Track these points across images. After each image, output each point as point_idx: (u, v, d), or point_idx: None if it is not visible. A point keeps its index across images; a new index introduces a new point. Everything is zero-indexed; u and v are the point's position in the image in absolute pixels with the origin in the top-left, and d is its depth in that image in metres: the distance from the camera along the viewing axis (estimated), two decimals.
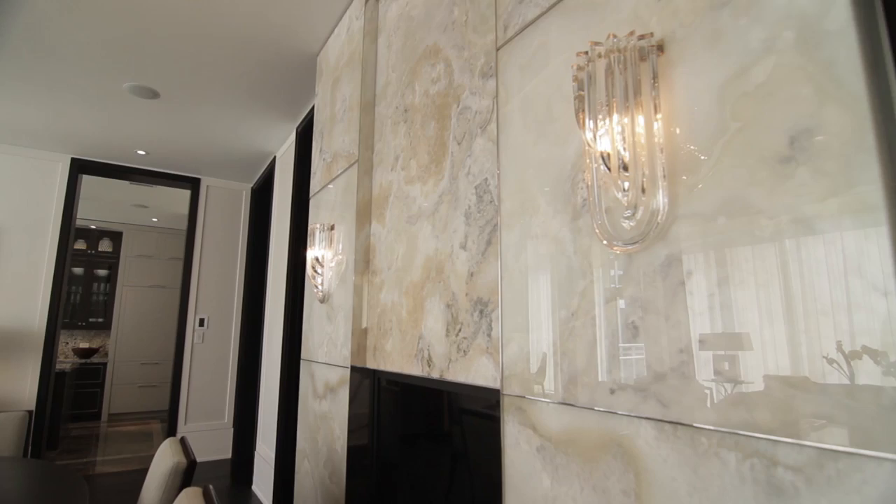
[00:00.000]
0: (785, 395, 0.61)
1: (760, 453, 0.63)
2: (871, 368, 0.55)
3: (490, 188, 1.22)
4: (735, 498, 0.65)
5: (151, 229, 6.87)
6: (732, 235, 0.69)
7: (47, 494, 1.46)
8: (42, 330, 3.81)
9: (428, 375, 1.40)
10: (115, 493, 3.54)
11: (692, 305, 0.73)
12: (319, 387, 2.11)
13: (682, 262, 0.75)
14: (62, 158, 4.06)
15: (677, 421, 0.72)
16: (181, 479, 1.32)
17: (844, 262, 0.58)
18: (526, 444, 0.99)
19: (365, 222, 1.90)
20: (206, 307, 4.53)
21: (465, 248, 1.29)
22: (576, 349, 0.91)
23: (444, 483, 1.50)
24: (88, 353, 6.33)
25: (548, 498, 0.93)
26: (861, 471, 0.54)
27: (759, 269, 0.66)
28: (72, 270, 6.32)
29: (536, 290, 1.01)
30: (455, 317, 1.31)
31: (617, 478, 0.80)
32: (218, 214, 4.68)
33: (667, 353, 0.75)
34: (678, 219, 0.76)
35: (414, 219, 1.58)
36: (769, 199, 0.65)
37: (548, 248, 0.99)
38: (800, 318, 0.61)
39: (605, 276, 0.87)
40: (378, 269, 1.80)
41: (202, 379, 4.44)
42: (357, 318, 1.85)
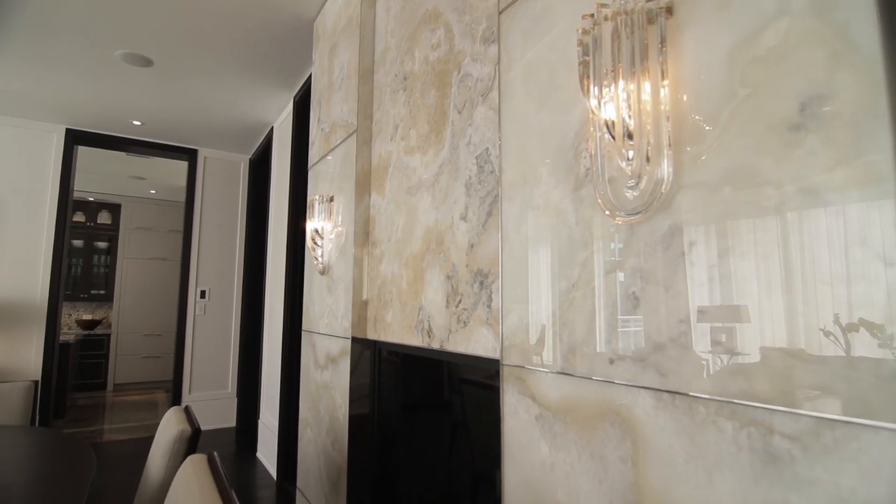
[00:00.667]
0: (785, 365, 0.61)
1: (758, 422, 0.63)
2: (870, 339, 0.55)
3: (491, 158, 1.20)
4: (731, 465, 0.66)
5: (150, 201, 6.83)
6: (737, 206, 0.68)
7: (55, 461, 1.49)
8: (44, 301, 3.83)
9: (428, 346, 1.41)
10: (123, 460, 3.63)
11: (693, 276, 0.72)
12: (321, 357, 2.13)
13: (684, 232, 0.74)
14: (57, 129, 4.00)
15: (675, 390, 0.73)
16: (186, 447, 1.35)
17: (850, 232, 0.57)
18: (525, 413, 1.00)
19: (364, 193, 1.88)
20: (207, 279, 4.54)
21: (466, 220, 1.28)
22: (576, 320, 0.91)
23: (444, 450, 1.53)
24: (91, 325, 6.39)
25: (546, 465, 0.94)
26: (858, 439, 0.54)
27: (762, 240, 0.65)
28: (72, 243, 6.32)
29: (537, 261, 1.01)
30: (455, 288, 1.31)
31: (614, 445, 0.82)
32: (216, 186, 4.64)
33: (667, 324, 0.75)
34: (682, 188, 0.75)
35: (414, 190, 1.56)
36: (776, 168, 0.64)
37: (549, 218, 0.98)
38: (802, 290, 0.61)
39: (607, 246, 0.86)
40: (378, 240, 1.79)
41: (205, 350, 4.49)
42: (357, 290, 1.85)
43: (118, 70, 3.05)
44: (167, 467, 1.33)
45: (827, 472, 0.56)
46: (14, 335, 3.74)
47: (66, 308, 6.24)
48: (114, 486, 3.05)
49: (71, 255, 6.34)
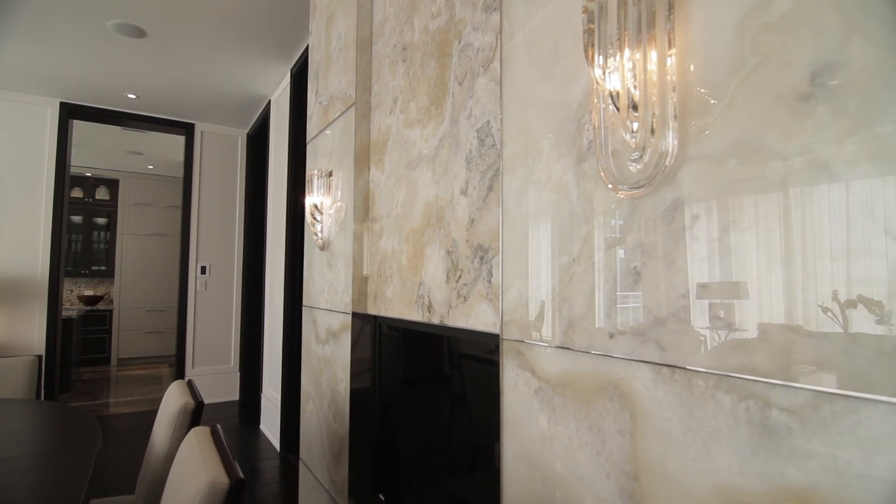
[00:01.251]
0: (785, 339, 0.61)
1: (756, 395, 0.63)
2: (875, 314, 0.54)
3: (492, 131, 1.18)
4: (728, 437, 0.66)
5: (148, 177, 6.78)
6: (743, 179, 0.67)
7: (62, 433, 1.51)
8: (45, 277, 3.84)
9: (428, 321, 1.42)
10: (129, 432, 3.70)
11: (696, 251, 0.71)
12: (321, 332, 2.15)
13: (688, 206, 0.73)
14: (51, 103, 3.94)
15: (675, 364, 0.73)
16: (190, 419, 1.37)
17: (857, 206, 0.56)
18: (524, 387, 1.01)
19: (363, 168, 1.86)
20: (207, 255, 4.54)
21: (466, 194, 1.27)
22: (576, 294, 0.90)
23: (444, 423, 1.55)
24: (94, 301, 6.43)
25: (544, 437, 0.96)
26: (857, 412, 0.55)
27: (765, 214, 0.64)
28: (70, 219, 6.30)
29: (538, 235, 1.00)
30: (455, 263, 1.30)
31: (613, 418, 0.82)
32: (214, 161, 4.60)
33: (668, 299, 0.75)
34: (687, 161, 0.73)
35: (413, 164, 1.54)
36: (784, 140, 0.63)
37: (550, 192, 0.97)
38: (804, 265, 0.60)
39: (609, 221, 0.85)
40: (378, 215, 1.78)
41: (207, 325, 4.52)
42: (357, 266, 1.85)
43: (111, 41, 2.98)
44: (172, 439, 1.35)
45: (824, 445, 0.57)
46: (16, 311, 3.76)
47: (67, 284, 6.27)
48: (120, 457, 3.11)
49: (70, 230, 6.33)
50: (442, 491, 1.52)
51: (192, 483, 0.85)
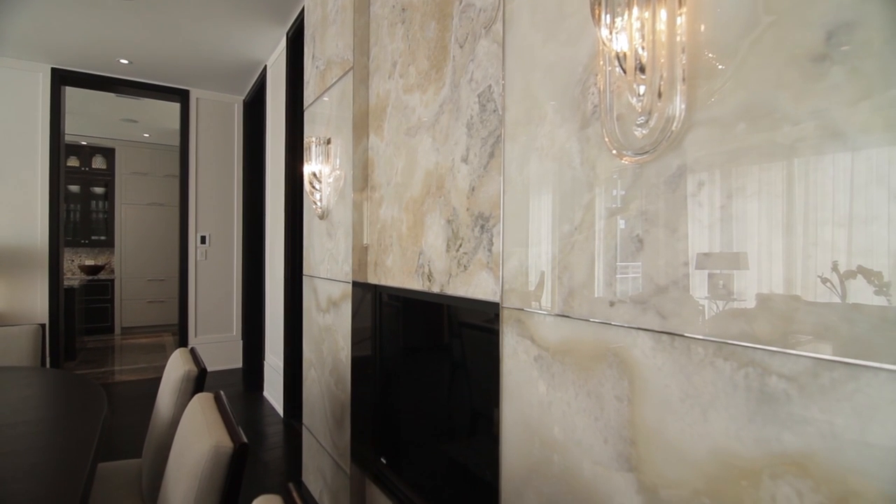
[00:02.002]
0: (787, 307, 0.61)
1: (756, 363, 0.64)
2: (881, 281, 0.53)
3: (494, 96, 1.15)
4: (725, 404, 0.67)
5: (144, 145, 6.69)
6: (751, 144, 0.65)
7: (68, 399, 1.54)
8: (45, 246, 3.84)
9: (428, 290, 1.42)
10: (135, 399, 3.77)
11: (701, 218, 0.70)
12: (322, 301, 2.16)
13: (694, 172, 0.71)
14: (42, 69, 3.84)
15: (675, 332, 0.73)
16: (193, 386, 1.38)
17: (868, 172, 0.55)
18: (524, 354, 1.02)
19: (362, 135, 1.83)
20: (207, 224, 4.52)
21: (467, 162, 1.25)
22: (577, 263, 0.90)
23: (444, 390, 1.58)
24: (95, 270, 6.44)
25: (543, 403, 0.97)
26: (856, 380, 0.55)
27: (774, 180, 0.63)
28: (68, 188, 6.25)
29: (539, 203, 0.99)
30: (456, 232, 1.29)
31: (611, 384, 0.83)
32: (210, 129, 4.52)
33: (670, 267, 0.74)
34: (694, 126, 0.71)
35: (413, 131, 1.51)
36: (795, 103, 0.61)
37: (553, 159, 0.95)
38: (811, 233, 0.59)
39: (612, 188, 0.84)
40: (377, 184, 1.76)
41: (208, 294, 4.55)
42: (357, 235, 1.84)
43: (101, 2, 2.88)
44: (176, 405, 1.37)
45: (822, 412, 0.57)
46: (17, 280, 3.77)
47: (67, 254, 6.27)
48: (127, 423, 3.18)
49: (68, 200, 6.29)
50: (442, 455, 1.56)
51: (196, 447, 0.87)
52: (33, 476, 0.98)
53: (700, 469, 0.69)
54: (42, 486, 0.94)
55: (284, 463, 2.68)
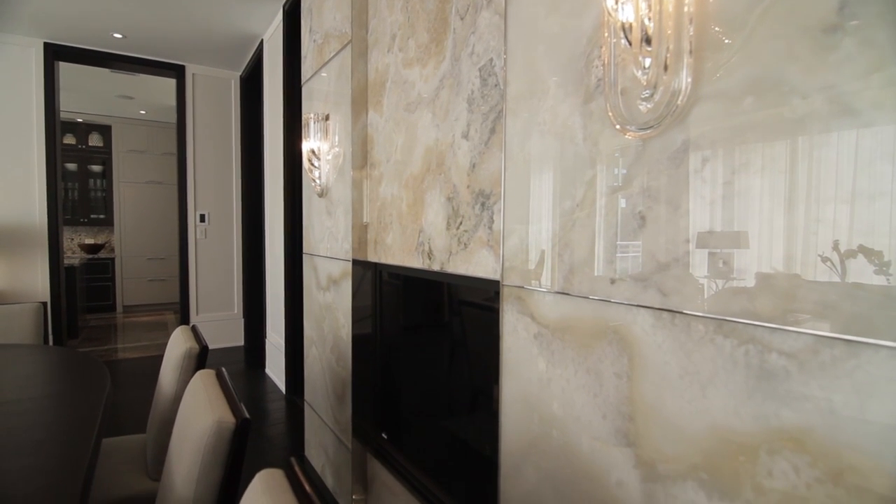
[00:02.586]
0: (790, 285, 0.60)
1: (756, 340, 0.64)
2: (881, 260, 0.53)
3: (495, 70, 1.12)
4: (725, 380, 0.67)
5: (140, 122, 6.61)
6: (758, 118, 0.63)
7: (71, 376, 1.55)
8: (44, 225, 3.83)
9: (429, 268, 1.42)
10: (138, 375, 3.81)
11: (704, 195, 0.69)
12: (322, 279, 2.16)
13: (699, 148, 0.70)
14: (34, 43, 3.77)
15: (676, 309, 0.73)
16: (195, 363, 1.39)
17: (877, 147, 0.54)
18: (524, 332, 1.02)
19: (361, 111, 1.80)
20: (206, 203, 4.50)
21: (468, 138, 1.23)
22: (578, 240, 0.89)
23: (444, 367, 1.59)
24: (95, 249, 6.45)
25: (543, 379, 0.97)
26: (856, 357, 0.55)
27: (781, 156, 0.61)
28: (65, 166, 6.21)
29: (541, 180, 0.97)
30: (456, 210, 1.28)
31: (611, 361, 0.83)
32: (207, 105, 4.46)
33: (672, 244, 0.73)
34: (700, 100, 0.70)
35: (413, 106, 1.48)
36: (805, 76, 0.59)
37: (555, 134, 0.93)
38: (816, 209, 0.58)
39: (615, 164, 0.82)
40: (377, 161, 1.74)
41: (209, 273, 4.56)
42: (357, 213, 1.83)
43: None
44: (178, 381, 1.38)
45: (821, 389, 0.57)
46: (17, 259, 3.77)
47: (67, 233, 6.26)
48: (131, 399, 3.22)
49: (66, 178, 6.25)
50: (443, 430, 1.58)
51: (199, 423, 0.88)
52: (39, 450, 0.99)
53: (698, 444, 0.70)
54: (48, 459, 0.96)
55: (287, 438, 2.72)
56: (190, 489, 0.85)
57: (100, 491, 1.29)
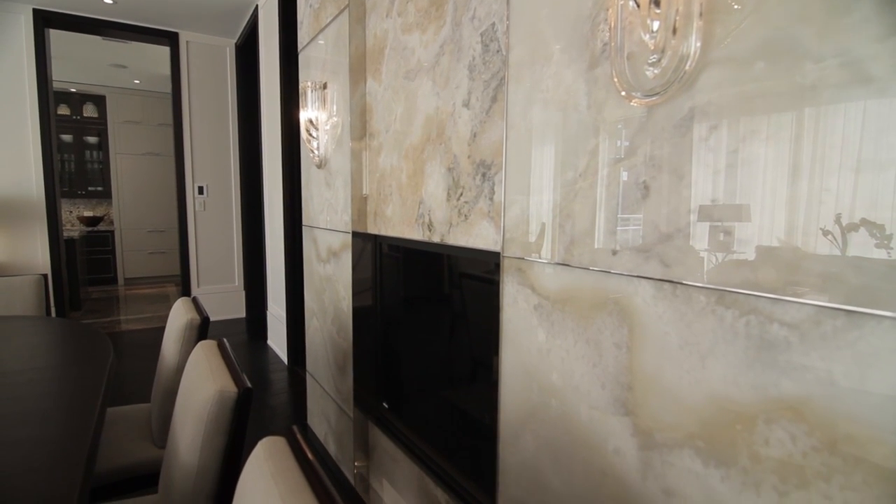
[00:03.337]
0: (794, 255, 0.59)
1: (758, 310, 0.63)
2: (885, 232, 0.52)
3: (497, 35, 1.09)
4: (724, 351, 0.67)
5: (135, 92, 6.49)
6: (769, 84, 0.61)
7: (75, 347, 1.56)
8: (41, 197, 3.80)
9: (429, 240, 1.41)
10: (142, 347, 3.86)
11: (710, 164, 0.68)
12: (322, 251, 2.15)
13: (706, 115, 0.68)
14: (23, 10, 3.66)
15: (678, 280, 0.72)
16: (196, 334, 1.40)
17: (892, 114, 0.52)
18: (524, 303, 1.02)
19: (359, 79, 1.76)
20: (204, 175, 4.46)
21: (468, 107, 1.20)
22: (580, 211, 0.88)
23: (445, 339, 1.60)
24: (94, 222, 6.43)
25: (542, 350, 0.98)
26: (859, 328, 0.54)
27: (792, 122, 0.60)
28: (60, 137, 6.13)
29: (542, 149, 0.96)
30: (456, 181, 1.27)
31: (610, 332, 0.83)
32: (203, 75, 4.37)
33: (676, 214, 0.72)
34: (709, 65, 0.67)
35: (413, 74, 1.44)
36: (819, 39, 0.57)
37: (559, 102, 0.91)
38: (824, 178, 0.57)
39: (619, 132, 0.80)
40: (376, 130, 1.71)
41: (209, 245, 4.55)
42: (356, 184, 1.81)
43: None
44: (180, 352, 1.39)
45: (822, 359, 0.57)
46: (16, 231, 3.77)
47: (65, 205, 6.23)
48: (136, 370, 3.27)
49: (62, 150, 6.18)
50: (443, 400, 1.60)
51: (201, 393, 0.89)
52: (44, 419, 1.00)
53: (695, 413, 0.71)
54: (53, 428, 0.97)
55: (290, 408, 2.77)
56: (194, 456, 0.86)
57: (107, 458, 1.32)
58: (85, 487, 0.79)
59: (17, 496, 0.75)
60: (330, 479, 0.56)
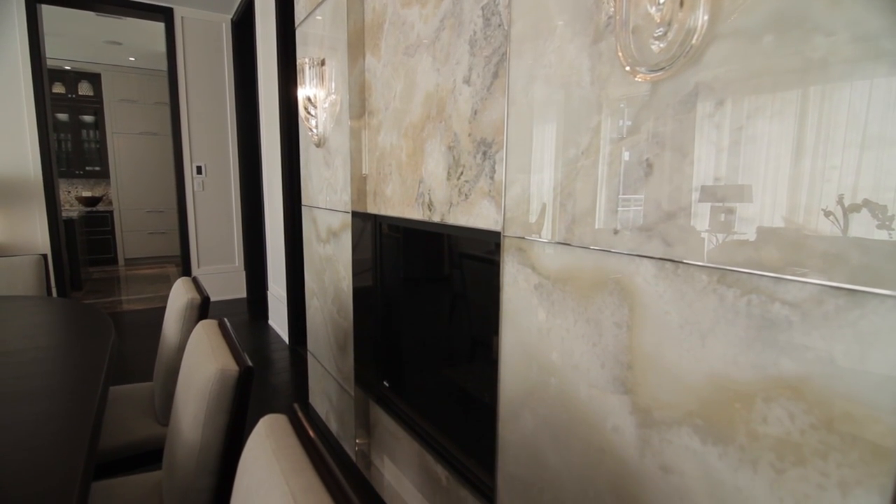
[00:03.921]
0: (798, 234, 0.59)
1: (760, 289, 0.63)
2: (888, 213, 0.51)
3: (499, 8, 1.06)
4: (725, 330, 0.67)
5: (130, 70, 6.39)
6: (777, 58, 0.60)
7: (76, 327, 1.57)
8: (39, 176, 3.78)
9: (429, 219, 1.40)
10: (143, 326, 3.88)
11: (715, 141, 0.67)
12: (322, 231, 2.14)
13: (713, 91, 0.66)
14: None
15: (680, 259, 0.72)
16: (197, 313, 1.41)
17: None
18: (524, 283, 1.02)
19: (358, 55, 1.72)
20: (201, 154, 4.43)
21: (469, 83, 1.18)
22: (581, 189, 0.87)
23: (445, 317, 1.60)
24: (93, 202, 6.40)
25: (542, 329, 0.98)
26: (861, 307, 0.54)
27: (800, 99, 0.58)
28: (56, 116, 6.06)
29: (544, 127, 0.94)
30: (457, 159, 1.25)
31: (611, 311, 0.83)
32: (198, 51, 4.30)
33: (679, 193, 0.71)
34: (717, 39, 0.65)
35: (412, 50, 1.42)
36: (831, 10, 0.55)
37: (561, 78, 0.89)
38: (831, 156, 0.56)
39: (623, 108, 0.79)
40: (375, 108, 1.68)
41: (208, 225, 4.54)
42: (355, 163, 1.79)
43: None
44: (182, 331, 1.40)
45: (822, 338, 0.57)
46: (14, 212, 3.75)
47: (63, 185, 6.20)
48: (138, 349, 3.29)
49: (58, 129, 6.12)
50: (443, 379, 1.61)
51: (203, 371, 0.89)
52: (47, 397, 1.01)
53: (694, 392, 0.71)
54: (57, 405, 0.98)
55: (291, 386, 2.80)
56: (197, 433, 0.87)
57: (112, 435, 1.33)
58: (90, 462, 0.80)
59: (25, 470, 0.76)
60: (331, 455, 0.56)
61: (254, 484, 0.57)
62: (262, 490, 0.54)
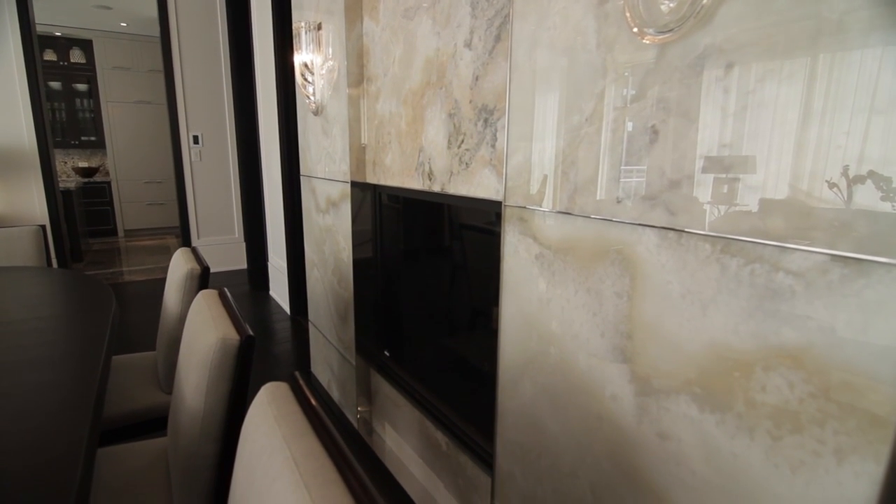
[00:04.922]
0: (804, 202, 0.58)
1: (764, 259, 0.62)
2: (892, 185, 0.50)
3: None
4: (727, 300, 0.67)
5: (123, 36, 6.23)
6: (791, 19, 0.57)
7: (77, 297, 1.57)
8: (34, 147, 3.72)
9: (429, 189, 1.38)
10: (146, 297, 3.90)
11: (724, 106, 0.65)
12: (321, 201, 2.13)
13: (723, 53, 0.64)
14: None
15: (683, 228, 0.71)
16: (197, 283, 1.41)
17: None
18: (525, 253, 1.01)
19: (356, 19, 1.67)
20: (198, 123, 4.35)
21: (470, 47, 1.14)
22: (585, 157, 0.85)
23: (445, 288, 1.61)
24: (90, 173, 6.34)
25: (543, 299, 0.98)
26: (867, 276, 0.53)
27: (812, 61, 0.56)
28: (49, 84, 5.93)
29: (548, 93, 0.91)
30: (457, 127, 1.22)
31: (612, 281, 0.83)
32: (192, 15, 4.17)
33: (685, 160, 0.70)
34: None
35: (411, 12, 1.37)
36: None
37: (566, 40, 0.86)
38: (842, 121, 0.54)
39: (630, 73, 0.76)
40: (373, 75, 1.64)
41: (207, 196, 4.51)
42: (354, 132, 1.76)
43: None
44: (182, 301, 1.40)
45: (825, 308, 0.57)
46: (11, 183, 3.71)
47: (59, 156, 6.12)
48: (141, 319, 3.32)
49: (51, 98, 6.01)
50: (443, 348, 1.63)
51: (204, 341, 0.89)
52: (50, 366, 1.02)
53: (694, 361, 0.71)
54: (60, 374, 0.99)
55: (293, 356, 2.83)
56: (200, 401, 0.88)
57: (117, 403, 1.35)
58: (95, 428, 0.81)
59: (31, 438, 0.77)
60: (332, 421, 0.57)
61: (256, 450, 0.58)
62: (264, 456, 0.55)
